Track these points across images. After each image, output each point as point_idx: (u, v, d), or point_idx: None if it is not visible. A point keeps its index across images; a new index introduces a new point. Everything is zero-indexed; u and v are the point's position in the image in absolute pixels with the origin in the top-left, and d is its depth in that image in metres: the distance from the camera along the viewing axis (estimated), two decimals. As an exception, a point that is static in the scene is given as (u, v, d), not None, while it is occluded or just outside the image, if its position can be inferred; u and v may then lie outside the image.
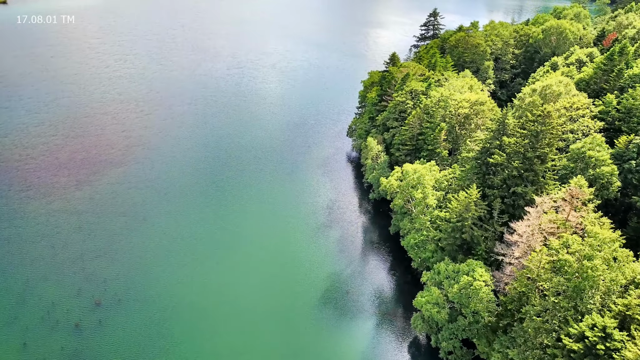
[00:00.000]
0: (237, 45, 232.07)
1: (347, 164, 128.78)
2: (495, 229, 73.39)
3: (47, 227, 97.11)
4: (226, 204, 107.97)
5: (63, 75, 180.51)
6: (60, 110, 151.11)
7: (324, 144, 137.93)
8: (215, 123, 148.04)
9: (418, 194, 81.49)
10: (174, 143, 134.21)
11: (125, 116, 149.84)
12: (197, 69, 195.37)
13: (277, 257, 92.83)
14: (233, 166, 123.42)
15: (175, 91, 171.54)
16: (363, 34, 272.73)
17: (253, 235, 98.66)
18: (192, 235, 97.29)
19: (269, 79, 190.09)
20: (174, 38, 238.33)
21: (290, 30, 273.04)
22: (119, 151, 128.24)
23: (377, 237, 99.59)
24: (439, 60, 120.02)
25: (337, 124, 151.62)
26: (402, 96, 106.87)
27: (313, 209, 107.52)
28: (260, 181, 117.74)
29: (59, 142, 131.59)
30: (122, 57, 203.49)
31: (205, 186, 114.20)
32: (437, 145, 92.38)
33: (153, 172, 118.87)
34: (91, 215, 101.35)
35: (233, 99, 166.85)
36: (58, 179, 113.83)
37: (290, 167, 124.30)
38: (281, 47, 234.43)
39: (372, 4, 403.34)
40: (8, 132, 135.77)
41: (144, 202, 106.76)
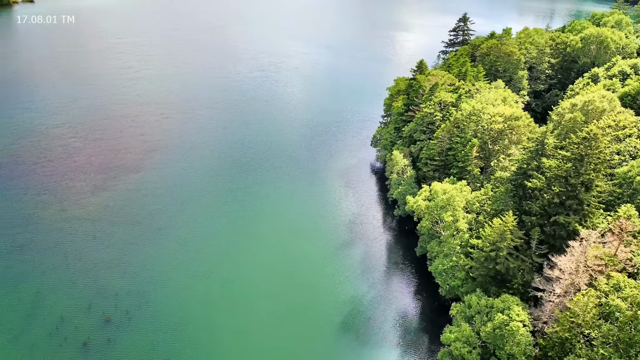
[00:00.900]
0: (259, 48, 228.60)
1: (371, 175, 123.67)
2: (533, 260, 67.66)
3: (61, 235, 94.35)
4: (243, 216, 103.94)
5: (84, 76, 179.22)
6: (80, 111, 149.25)
7: (347, 153, 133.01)
8: (234, 128, 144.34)
9: (448, 217, 76.12)
10: (192, 148, 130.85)
11: (144, 119, 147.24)
12: (218, 72, 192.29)
13: (295, 277, 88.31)
14: (251, 175, 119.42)
15: (195, 94, 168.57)
16: (389, 38, 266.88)
17: (270, 251, 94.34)
18: (207, 248, 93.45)
19: (291, 82, 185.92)
20: (196, 39, 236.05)
21: (314, 33, 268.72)
22: (136, 156, 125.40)
23: (402, 258, 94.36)
24: (469, 69, 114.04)
25: (361, 132, 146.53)
26: (431, 107, 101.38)
27: (334, 224, 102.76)
28: (280, 192, 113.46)
29: (78, 144, 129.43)
30: (143, 58, 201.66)
31: (222, 196, 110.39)
32: (468, 162, 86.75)
33: (169, 179, 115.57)
34: (106, 224, 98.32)
35: (254, 103, 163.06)
36: (74, 184, 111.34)
37: (311, 178, 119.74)
38: (305, 49, 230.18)
39: (397, 6, 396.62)
40: (27, 133, 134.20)
41: (160, 211, 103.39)
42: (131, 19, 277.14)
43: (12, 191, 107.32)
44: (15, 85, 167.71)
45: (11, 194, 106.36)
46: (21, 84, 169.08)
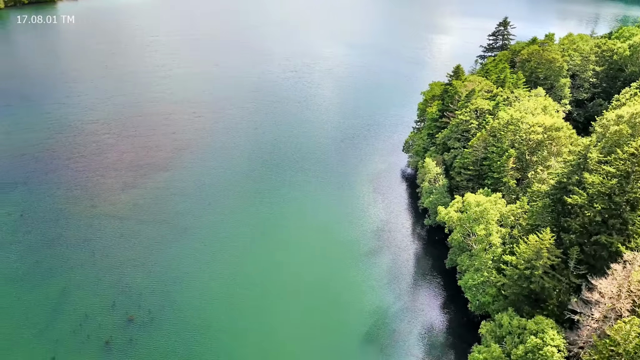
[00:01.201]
0: (293, 48, 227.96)
1: (401, 181, 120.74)
2: (571, 281, 63.91)
3: (90, 231, 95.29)
4: (270, 218, 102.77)
5: (120, 73, 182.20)
6: (115, 108, 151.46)
7: (378, 157, 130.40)
8: (264, 129, 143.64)
9: (480, 230, 72.90)
10: (222, 148, 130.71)
11: (177, 117, 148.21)
12: (251, 71, 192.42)
13: (320, 283, 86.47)
14: (280, 177, 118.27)
15: (228, 93, 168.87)
16: (425, 40, 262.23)
17: (296, 255, 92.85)
18: (232, 250, 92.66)
19: (323, 84, 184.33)
20: (231, 38, 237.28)
21: (349, 34, 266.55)
22: (166, 154, 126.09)
23: (430, 269, 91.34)
24: (508, 76, 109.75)
25: (393, 136, 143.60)
26: (466, 114, 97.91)
27: (361, 231, 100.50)
28: (308, 195, 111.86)
29: (110, 141, 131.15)
30: (178, 56, 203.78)
31: (249, 197, 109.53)
32: (503, 173, 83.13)
33: (198, 179, 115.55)
34: (133, 222, 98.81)
35: (285, 104, 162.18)
36: (105, 180, 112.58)
37: (340, 182, 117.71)
38: (339, 50, 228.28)
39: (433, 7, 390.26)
40: (63, 128, 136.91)
41: (187, 211, 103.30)
42: (168, 17, 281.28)
43: (45, 185, 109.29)
44: (54, 80, 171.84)
45: (45, 188, 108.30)
46: (59, 79, 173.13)
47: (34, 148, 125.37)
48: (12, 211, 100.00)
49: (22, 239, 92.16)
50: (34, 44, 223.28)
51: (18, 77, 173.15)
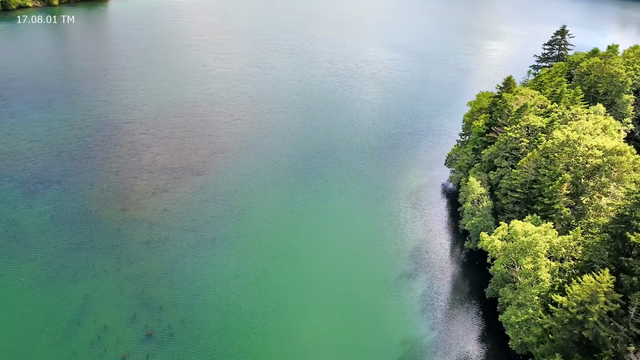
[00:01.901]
0: (336, 51, 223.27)
1: (442, 197, 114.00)
2: (630, 330, 56.39)
3: (118, 236, 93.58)
4: (301, 231, 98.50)
5: (162, 72, 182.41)
6: (153, 108, 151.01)
7: (418, 170, 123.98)
8: (301, 135, 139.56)
9: (527, 263, 65.98)
10: (256, 154, 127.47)
11: (214, 119, 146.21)
12: (292, 74, 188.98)
13: (350, 304, 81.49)
14: (314, 187, 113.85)
15: (267, 96, 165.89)
16: (473, 45, 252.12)
17: (326, 272, 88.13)
18: (260, 263, 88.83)
19: (366, 89, 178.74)
20: (274, 39, 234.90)
21: (394, 37, 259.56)
22: (201, 158, 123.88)
23: (469, 296, 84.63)
24: (565, 90, 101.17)
25: (435, 147, 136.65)
26: (517, 131, 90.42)
27: (397, 249, 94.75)
28: (342, 208, 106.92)
29: (146, 141, 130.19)
30: (220, 56, 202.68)
31: (281, 207, 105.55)
32: (556, 199, 75.57)
33: (230, 185, 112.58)
34: (162, 228, 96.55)
35: (324, 109, 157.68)
36: (137, 183, 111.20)
37: (377, 194, 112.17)
38: (383, 55, 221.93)
39: (483, 11, 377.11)
40: (101, 127, 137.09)
41: (216, 219, 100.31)
42: (216, 16, 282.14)
43: (79, 185, 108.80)
44: (97, 77, 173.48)
45: (78, 188, 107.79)
46: (102, 76, 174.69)
47: (72, 146, 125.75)
48: (43, 211, 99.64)
49: (50, 241, 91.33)
50: (79, 40, 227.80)
51: (62, 73, 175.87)
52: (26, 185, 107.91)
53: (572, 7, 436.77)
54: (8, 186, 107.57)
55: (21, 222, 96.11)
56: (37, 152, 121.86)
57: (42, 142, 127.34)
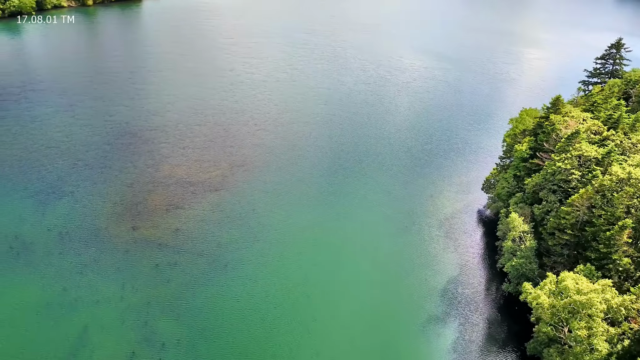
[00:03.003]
0: (368, 57, 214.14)
1: (478, 226, 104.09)
2: None
3: (125, 259, 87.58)
4: (322, 262, 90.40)
5: (188, 76, 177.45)
6: (176, 115, 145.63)
7: (452, 194, 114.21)
8: (327, 149, 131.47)
9: (580, 329, 56.14)
10: (279, 168, 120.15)
11: (237, 129, 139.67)
12: (321, 81, 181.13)
13: (374, 346, 73.07)
14: (337, 208, 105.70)
15: (294, 105, 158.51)
16: (513, 54, 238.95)
17: (347, 312, 79.86)
18: (276, 298, 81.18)
19: (398, 99, 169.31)
20: (304, 43, 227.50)
21: (429, 43, 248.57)
22: (220, 171, 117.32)
23: (506, 349, 74.81)
24: (624, 115, 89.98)
25: (472, 168, 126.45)
26: (567, 162, 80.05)
27: (426, 287, 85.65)
28: (368, 234, 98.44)
29: (165, 151, 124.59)
30: (248, 61, 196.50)
31: (301, 232, 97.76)
32: (614, 248, 65.26)
33: (248, 204, 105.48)
34: (171, 251, 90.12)
35: (353, 121, 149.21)
36: (151, 197, 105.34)
37: (406, 220, 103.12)
38: (417, 62, 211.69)
39: (524, 15, 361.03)
40: (121, 134, 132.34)
41: (230, 242, 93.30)
42: (248, 19, 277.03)
43: (92, 198, 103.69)
44: (121, 81, 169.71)
45: (90, 201, 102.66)
46: (127, 80, 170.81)
47: (89, 154, 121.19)
48: (52, 227, 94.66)
49: (54, 261, 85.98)
50: (109, 41, 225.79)
51: (88, 75, 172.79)
52: (39, 195, 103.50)
53: (618, 12, 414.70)
54: (21, 196, 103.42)
55: (28, 237, 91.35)
56: (53, 160, 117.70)
57: (60, 149, 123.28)
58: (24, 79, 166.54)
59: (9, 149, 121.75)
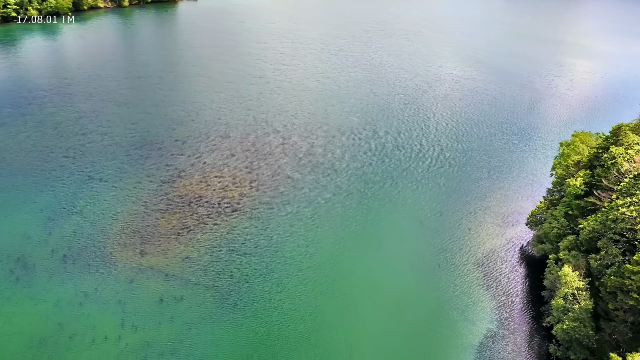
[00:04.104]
0: (406, 66, 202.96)
1: (521, 267, 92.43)
2: None
3: (128, 290, 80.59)
4: (340, 304, 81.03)
5: (216, 82, 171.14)
6: (199, 124, 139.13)
7: (492, 227, 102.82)
8: (356, 167, 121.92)
9: None
10: (302, 189, 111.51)
11: (262, 142, 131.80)
12: (354, 91, 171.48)
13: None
14: (363, 240, 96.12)
15: (324, 117, 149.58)
16: (563, 65, 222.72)
17: (373, 355, 70.69)
18: (287, 343, 72.54)
19: (435, 114, 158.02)
20: (339, 50, 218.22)
21: (470, 51, 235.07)
22: (238, 190, 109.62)
23: None
24: (702, 150, 77.02)
25: (515, 196, 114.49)
26: (632, 208, 68.08)
27: (461, 342, 75.11)
28: (395, 274, 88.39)
29: (183, 166, 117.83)
30: (279, 67, 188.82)
31: (319, 267, 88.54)
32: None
33: (267, 229, 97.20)
34: (178, 283, 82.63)
35: (386, 137, 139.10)
36: (164, 219, 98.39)
37: (439, 257, 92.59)
38: (458, 72, 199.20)
39: (570, 22, 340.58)
40: (142, 144, 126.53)
41: (243, 275, 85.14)
42: (283, 22, 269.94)
43: (101, 217, 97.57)
44: (148, 86, 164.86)
45: (99, 220, 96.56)
46: (154, 85, 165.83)
47: (106, 165, 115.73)
48: (57, 249, 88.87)
49: (54, 289, 79.85)
50: (140, 43, 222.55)
51: (116, 78, 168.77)
52: (48, 211, 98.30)
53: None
54: (30, 209, 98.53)
55: (30, 259, 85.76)
56: (68, 171, 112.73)
57: (77, 159, 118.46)
58: (52, 82, 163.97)
59: (26, 157, 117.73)
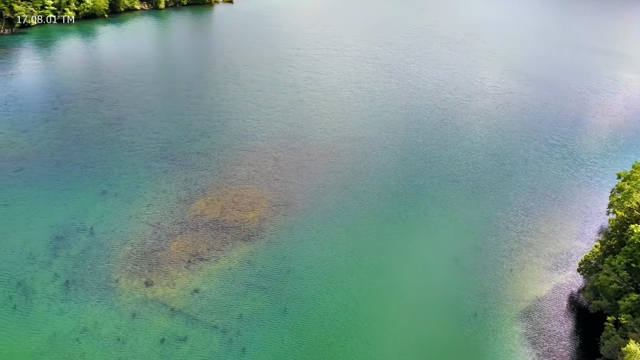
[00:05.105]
0: (446, 77, 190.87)
1: (570, 321, 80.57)
2: None
3: (130, 327, 73.89)
4: (365, 358, 71.99)
5: (245, 91, 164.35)
6: (223, 136, 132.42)
7: (536, 269, 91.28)
8: (385, 191, 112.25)
9: None
10: (325, 213, 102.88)
11: (287, 158, 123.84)
12: (389, 104, 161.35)
13: None
14: (387, 281, 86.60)
15: (354, 132, 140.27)
16: (621, 81, 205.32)
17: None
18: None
19: (476, 131, 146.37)
20: (375, 58, 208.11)
21: (517, 62, 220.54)
22: (257, 212, 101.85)
23: None
24: None
25: (564, 233, 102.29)
26: None
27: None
28: (423, 323, 78.51)
29: (202, 182, 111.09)
30: (312, 76, 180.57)
31: (338, 311, 79.42)
32: None
33: (285, 260, 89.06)
34: (184, 320, 75.34)
35: (420, 155, 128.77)
36: (175, 244, 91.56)
37: (474, 304, 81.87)
38: (502, 85, 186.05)
39: (633, 33, 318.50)
40: (162, 156, 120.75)
41: (254, 316, 77.12)
42: (316, 26, 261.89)
43: (111, 237, 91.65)
44: (175, 93, 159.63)
45: (109, 240, 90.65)
46: (181, 92, 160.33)
47: (122, 180, 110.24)
48: (60, 271, 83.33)
49: (51, 321, 73.92)
50: (172, 48, 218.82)
51: (143, 84, 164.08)
52: (56, 228, 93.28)
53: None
54: (38, 226, 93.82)
55: (31, 284, 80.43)
56: (83, 184, 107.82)
57: (95, 169, 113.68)
58: (80, 86, 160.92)
59: (43, 167, 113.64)
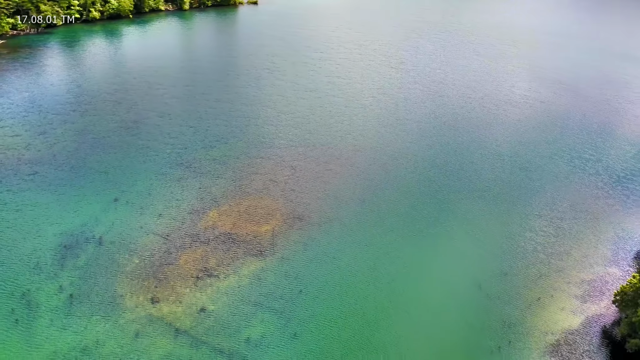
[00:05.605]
0: (473, 84, 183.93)
1: (601, 358, 74.18)
2: None
3: (132, 347, 70.71)
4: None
5: (265, 95, 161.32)
6: (240, 143, 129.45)
7: (567, 298, 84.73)
8: (404, 206, 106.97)
9: None
10: (342, 228, 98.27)
11: (303, 167, 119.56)
12: (412, 112, 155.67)
13: None
14: (404, 305, 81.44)
15: (374, 141, 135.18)
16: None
17: None
18: None
19: (503, 143, 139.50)
20: (400, 62, 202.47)
21: (550, 69, 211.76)
22: (271, 226, 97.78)
23: None
24: None
25: (597, 258, 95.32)
26: None
27: None
28: (442, 356, 73.19)
29: (216, 192, 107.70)
30: (334, 80, 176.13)
31: (351, 336, 74.70)
32: None
33: (297, 280, 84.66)
34: (189, 342, 71.66)
35: (445, 168, 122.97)
36: (184, 258, 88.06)
37: (498, 337, 76.00)
38: (533, 94, 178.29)
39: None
40: (176, 163, 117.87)
41: (262, 339, 73.01)
42: (340, 29, 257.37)
43: (118, 248, 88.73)
44: (194, 96, 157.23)
45: (117, 252, 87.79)
46: (200, 95, 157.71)
47: (134, 188, 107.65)
48: (65, 284, 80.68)
49: (52, 336, 71.20)
50: (193, 49, 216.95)
51: (162, 86, 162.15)
52: (65, 237, 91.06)
53: None
54: (47, 234, 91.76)
55: (34, 299, 77.83)
56: (97, 190, 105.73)
57: (108, 175, 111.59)
58: (100, 88, 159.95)
59: (57, 171, 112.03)
